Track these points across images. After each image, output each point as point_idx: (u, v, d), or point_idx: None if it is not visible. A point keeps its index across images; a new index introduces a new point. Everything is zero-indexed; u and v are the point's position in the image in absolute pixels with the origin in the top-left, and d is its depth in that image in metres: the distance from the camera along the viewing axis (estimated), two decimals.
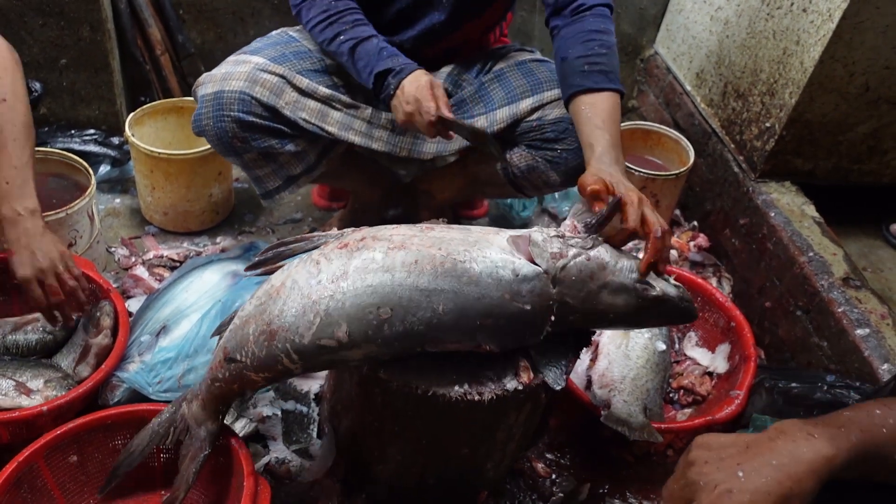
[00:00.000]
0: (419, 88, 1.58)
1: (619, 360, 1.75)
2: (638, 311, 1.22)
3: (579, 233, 1.25)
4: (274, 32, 1.84)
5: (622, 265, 1.21)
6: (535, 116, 1.74)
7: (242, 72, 1.67)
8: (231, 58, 1.73)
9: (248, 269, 1.33)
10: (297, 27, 1.84)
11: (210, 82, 1.69)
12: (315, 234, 1.31)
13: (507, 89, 1.78)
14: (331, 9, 1.67)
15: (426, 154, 1.83)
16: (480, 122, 1.79)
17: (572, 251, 1.20)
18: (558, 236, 1.22)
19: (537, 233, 1.23)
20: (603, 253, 1.21)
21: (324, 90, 1.73)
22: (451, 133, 1.66)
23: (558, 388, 1.27)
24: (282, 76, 1.68)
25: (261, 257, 1.31)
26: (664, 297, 1.22)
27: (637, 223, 1.22)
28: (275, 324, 1.19)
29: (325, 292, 1.17)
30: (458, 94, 1.84)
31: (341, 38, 1.65)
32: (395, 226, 1.27)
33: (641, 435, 1.63)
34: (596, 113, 1.45)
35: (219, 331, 1.33)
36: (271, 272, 1.29)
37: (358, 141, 1.77)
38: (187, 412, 1.34)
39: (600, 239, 1.23)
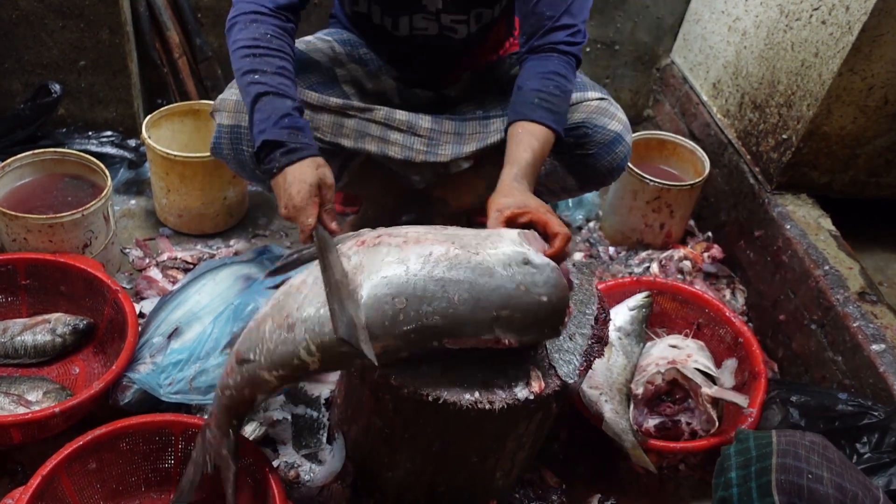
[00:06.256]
0: (300, 192, 1.38)
1: (601, 369, 1.72)
2: None
3: None
4: None
5: None
6: None
7: None
8: None
9: (267, 275, 1.34)
10: (304, 38, 1.81)
11: (225, 111, 1.67)
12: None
13: None
14: (261, 41, 1.49)
15: (442, 156, 1.79)
16: (497, 124, 1.77)
17: None
18: None
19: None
20: None
21: (335, 100, 1.71)
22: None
23: (571, 381, 1.27)
24: None
25: (280, 264, 1.32)
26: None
27: (561, 229, 1.31)
28: (293, 316, 1.20)
29: None
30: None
31: (255, 76, 1.45)
32: (411, 225, 1.29)
33: (635, 458, 1.63)
34: (528, 138, 1.49)
35: (231, 342, 1.33)
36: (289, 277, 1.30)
37: (374, 150, 1.76)
38: (209, 435, 1.35)
39: None
